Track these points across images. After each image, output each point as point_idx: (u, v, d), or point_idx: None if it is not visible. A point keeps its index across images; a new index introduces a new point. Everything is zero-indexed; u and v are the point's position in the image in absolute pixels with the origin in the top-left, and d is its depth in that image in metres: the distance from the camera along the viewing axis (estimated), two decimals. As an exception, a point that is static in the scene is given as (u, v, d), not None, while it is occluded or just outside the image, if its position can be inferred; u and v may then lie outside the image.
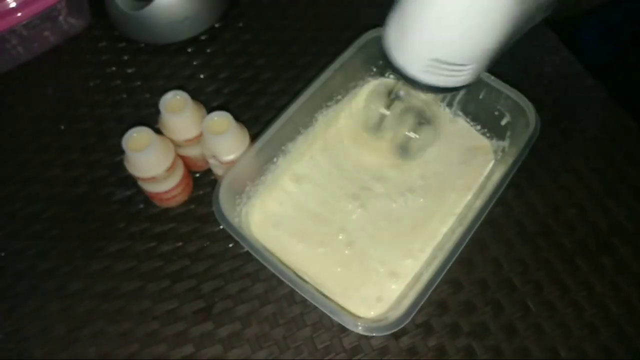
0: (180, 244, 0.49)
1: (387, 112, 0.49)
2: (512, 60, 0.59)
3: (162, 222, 0.50)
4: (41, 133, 0.56)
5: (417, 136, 0.48)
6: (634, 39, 0.63)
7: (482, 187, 0.48)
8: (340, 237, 0.48)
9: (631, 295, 0.46)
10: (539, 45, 0.61)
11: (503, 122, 0.50)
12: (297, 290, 0.40)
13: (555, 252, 0.48)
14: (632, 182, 0.52)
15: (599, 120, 0.56)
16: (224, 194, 0.43)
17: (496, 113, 0.50)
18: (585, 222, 0.50)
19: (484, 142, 0.52)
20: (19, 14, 0.56)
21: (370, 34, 0.51)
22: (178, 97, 0.46)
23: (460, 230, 0.42)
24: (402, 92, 0.47)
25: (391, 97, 0.48)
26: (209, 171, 0.52)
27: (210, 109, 0.47)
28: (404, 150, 0.50)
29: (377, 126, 0.50)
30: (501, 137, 0.51)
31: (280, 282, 0.45)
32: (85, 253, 0.49)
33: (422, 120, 0.48)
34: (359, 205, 0.49)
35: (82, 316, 0.46)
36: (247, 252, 0.43)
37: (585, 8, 0.70)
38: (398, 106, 0.48)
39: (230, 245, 0.49)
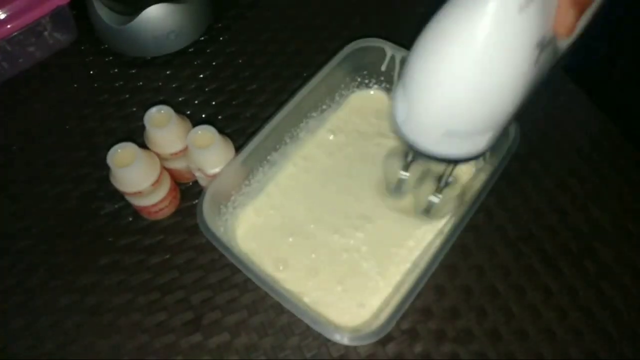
0: (168, 256, 0.50)
1: (406, 176, 0.47)
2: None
3: (150, 234, 0.51)
4: (29, 148, 0.56)
5: (439, 199, 0.46)
6: (613, 43, 0.64)
7: (463, 195, 0.49)
8: (325, 246, 0.48)
9: (614, 298, 0.47)
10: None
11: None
12: (279, 300, 0.40)
13: (538, 257, 0.49)
14: (613, 186, 0.53)
15: (579, 124, 0.57)
16: (207, 206, 0.44)
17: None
18: (567, 227, 0.50)
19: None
20: (1, 29, 0.56)
21: (354, 45, 0.51)
22: (162, 112, 0.47)
23: (442, 237, 0.42)
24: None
25: (408, 160, 0.45)
26: (196, 183, 0.53)
27: (197, 121, 0.48)
28: (427, 212, 0.48)
29: (398, 188, 0.48)
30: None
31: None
32: (75, 267, 0.49)
33: (444, 180, 0.45)
34: (345, 215, 0.50)
35: (72, 331, 0.46)
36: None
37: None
38: (417, 168, 0.46)
39: (218, 256, 0.49)
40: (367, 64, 0.54)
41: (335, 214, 0.50)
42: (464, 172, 0.51)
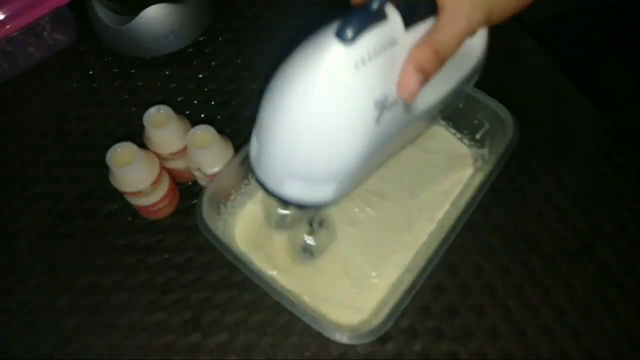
0: (167, 255, 0.50)
1: (286, 212, 0.47)
2: (490, 66, 0.60)
3: (149, 234, 0.51)
4: (28, 149, 0.57)
5: (313, 243, 0.47)
6: (609, 41, 0.64)
7: (462, 194, 0.49)
8: (328, 230, 0.48)
9: (613, 296, 0.47)
10: (517, 50, 0.62)
11: (482, 131, 0.51)
12: (278, 300, 0.41)
13: (536, 256, 0.49)
14: (611, 183, 0.53)
15: (577, 123, 0.57)
16: (207, 205, 0.44)
17: (475, 122, 0.51)
18: (565, 225, 0.51)
19: (464, 150, 0.53)
20: (1, 30, 0.56)
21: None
22: (162, 112, 0.47)
23: (440, 236, 0.42)
24: None
25: None
26: (195, 183, 0.53)
27: (196, 121, 0.48)
28: (304, 252, 0.48)
29: (281, 224, 0.48)
30: (481, 145, 0.51)
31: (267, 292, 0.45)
32: (74, 267, 0.49)
33: (315, 223, 0.46)
34: (343, 212, 0.50)
35: (71, 331, 0.46)
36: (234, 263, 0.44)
37: (562, 9, 0.71)
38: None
39: (217, 255, 0.49)
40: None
41: (334, 211, 0.50)
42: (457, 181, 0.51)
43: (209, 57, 0.62)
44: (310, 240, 0.47)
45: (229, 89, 0.60)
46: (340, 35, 0.28)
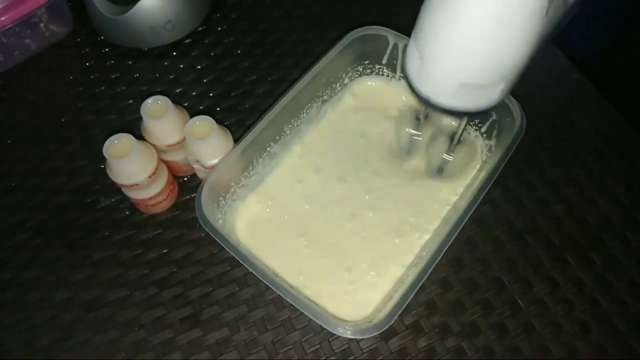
0: (166, 250, 0.49)
1: (419, 136, 0.47)
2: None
3: (147, 228, 0.50)
4: (24, 141, 0.55)
5: (453, 157, 0.47)
6: (619, 32, 0.63)
7: (469, 186, 0.48)
8: (326, 240, 0.47)
9: (622, 290, 0.46)
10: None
11: (489, 122, 0.49)
12: (280, 294, 0.39)
13: (544, 249, 0.48)
14: (620, 176, 0.52)
15: (585, 114, 0.56)
16: (206, 198, 0.43)
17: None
18: (573, 218, 0.49)
19: (472, 141, 0.52)
20: (-4, 21, 0.55)
21: (354, 34, 0.50)
22: (159, 103, 0.46)
23: (446, 230, 0.41)
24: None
25: (420, 120, 0.46)
26: (194, 176, 0.52)
27: (195, 113, 0.47)
28: (440, 171, 0.48)
29: (409, 149, 0.49)
30: (488, 136, 0.50)
31: (268, 286, 0.44)
32: (70, 262, 0.48)
33: (457, 138, 0.46)
34: (345, 208, 0.49)
35: (68, 326, 0.45)
36: (234, 257, 0.42)
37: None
38: (429, 128, 0.47)
39: (217, 250, 0.48)
40: (369, 53, 0.53)
41: (337, 206, 0.49)
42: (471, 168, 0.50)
43: (207, 48, 0.61)
44: (449, 157, 0.47)
45: (229, 80, 0.59)
46: None
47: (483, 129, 0.50)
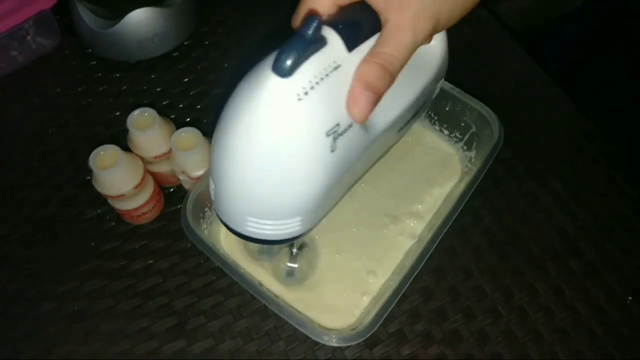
0: (152, 261, 0.49)
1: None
2: (477, 71, 0.60)
3: (133, 239, 0.50)
4: (9, 154, 0.55)
5: (296, 266, 0.46)
6: (593, 47, 0.65)
7: (449, 197, 0.49)
8: (310, 248, 0.48)
9: (599, 298, 0.47)
10: (504, 55, 0.63)
11: (469, 133, 0.51)
12: (265, 303, 0.40)
13: (524, 258, 0.49)
14: (595, 186, 0.53)
15: (562, 127, 0.57)
16: (191, 208, 0.43)
17: (462, 124, 0.51)
18: (552, 228, 0.51)
19: (451, 153, 0.53)
20: (-18, 34, 0.55)
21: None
22: (146, 115, 0.46)
23: (427, 239, 0.42)
24: None
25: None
26: (180, 187, 0.52)
27: (181, 125, 0.47)
28: (289, 276, 0.47)
29: (256, 253, 0.48)
30: (468, 147, 0.52)
31: (254, 296, 0.45)
32: (55, 274, 0.48)
33: (298, 246, 0.46)
34: (328, 217, 0.49)
35: (51, 338, 0.45)
36: (220, 267, 0.43)
37: (548, 17, 0.72)
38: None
39: (203, 260, 0.49)
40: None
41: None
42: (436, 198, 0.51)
43: (194, 61, 0.62)
44: (293, 264, 0.46)
45: (215, 93, 0.60)
46: (276, 69, 0.27)
47: (464, 139, 0.52)
